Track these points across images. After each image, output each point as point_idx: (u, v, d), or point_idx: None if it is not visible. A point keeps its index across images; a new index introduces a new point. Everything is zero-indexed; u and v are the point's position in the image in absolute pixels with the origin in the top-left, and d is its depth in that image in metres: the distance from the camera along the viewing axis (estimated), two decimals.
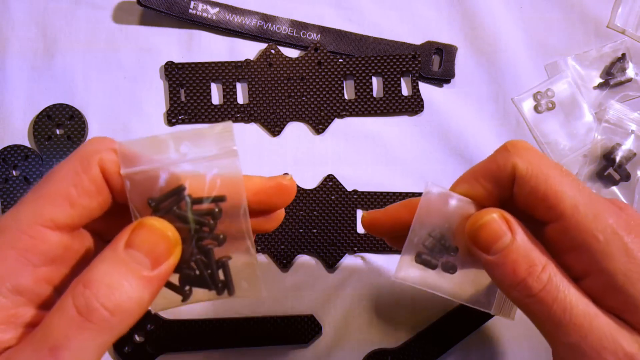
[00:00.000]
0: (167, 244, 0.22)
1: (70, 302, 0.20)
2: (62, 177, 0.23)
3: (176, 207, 0.23)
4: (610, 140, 0.48)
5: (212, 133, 0.23)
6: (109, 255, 0.21)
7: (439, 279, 0.28)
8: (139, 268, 0.21)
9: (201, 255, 0.23)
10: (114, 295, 0.20)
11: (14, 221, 0.22)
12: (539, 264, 0.25)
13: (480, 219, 0.26)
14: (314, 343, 0.44)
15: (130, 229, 0.22)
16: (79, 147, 0.24)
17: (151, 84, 0.49)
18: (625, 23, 0.51)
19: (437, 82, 0.50)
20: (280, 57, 0.49)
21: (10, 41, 0.48)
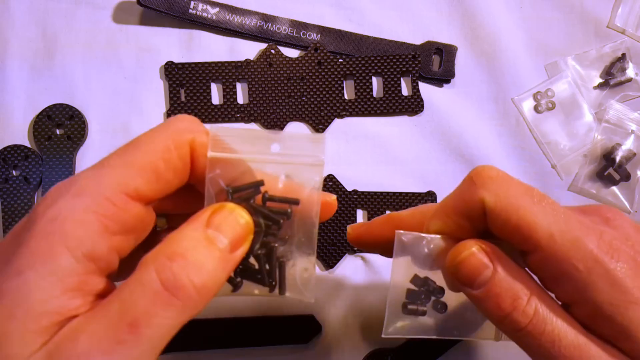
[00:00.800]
0: (245, 230, 0.22)
1: (153, 275, 0.19)
2: (152, 149, 0.22)
3: (252, 200, 0.23)
4: (610, 140, 0.48)
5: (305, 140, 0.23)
6: (189, 232, 0.21)
7: (432, 323, 0.27)
8: (220, 248, 0.21)
9: (264, 251, 0.23)
10: (202, 273, 0.20)
11: (97, 184, 0.21)
12: (523, 297, 0.23)
13: (458, 254, 0.25)
14: (314, 343, 0.44)
15: (211, 209, 0.22)
16: (169, 121, 0.23)
17: (151, 84, 0.49)
18: (625, 23, 0.51)
19: (437, 82, 0.50)
20: (280, 57, 0.49)
21: (10, 41, 0.48)
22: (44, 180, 0.46)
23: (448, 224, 0.26)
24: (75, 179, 0.22)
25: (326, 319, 0.45)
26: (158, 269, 0.20)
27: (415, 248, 0.26)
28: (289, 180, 0.24)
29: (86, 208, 0.21)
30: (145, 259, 0.20)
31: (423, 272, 0.26)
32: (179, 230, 0.21)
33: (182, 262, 0.20)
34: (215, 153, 0.23)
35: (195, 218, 0.22)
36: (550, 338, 0.23)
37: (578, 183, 0.48)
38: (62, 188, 0.22)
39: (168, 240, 0.21)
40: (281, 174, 0.24)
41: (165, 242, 0.21)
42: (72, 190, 0.21)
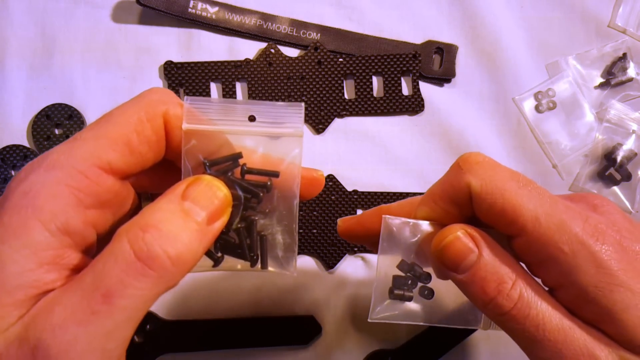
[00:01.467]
0: (222, 202, 0.22)
1: (127, 246, 0.19)
2: (125, 121, 0.22)
3: (230, 173, 0.23)
4: (611, 140, 0.48)
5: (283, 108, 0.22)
6: (164, 205, 0.21)
7: (418, 309, 0.27)
8: (197, 220, 0.21)
9: (244, 225, 0.23)
10: (176, 244, 0.20)
11: (69, 157, 0.21)
12: (508, 281, 0.23)
13: (444, 238, 0.25)
14: (314, 344, 0.44)
15: (187, 182, 0.22)
16: (142, 94, 0.23)
17: (150, 83, 0.48)
18: (626, 23, 0.50)
19: (438, 81, 0.50)
20: (280, 56, 0.49)
21: (9, 41, 0.48)
22: None
23: (435, 210, 0.26)
24: (48, 154, 0.22)
25: (326, 319, 0.45)
26: (131, 239, 0.19)
27: (402, 233, 0.26)
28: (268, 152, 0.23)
29: (58, 181, 0.21)
30: (119, 230, 0.20)
31: (410, 258, 0.26)
32: (154, 202, 0.21)
33: (156, 233, 0.19)
34: (191, 125, 0.22)
35: (171, 191, 0.21)
36: (534, 322, 0.23)
37: (579, 183, 0.48)
38: (35, 163, 0.21)
39: (142, 213, 0.20)
40: (260, 145, 0.23)
41: (140, 214, 0.20)
42: (44, 165, 0.21)
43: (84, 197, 0.21)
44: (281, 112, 0.23)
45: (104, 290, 0.19)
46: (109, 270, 0.19)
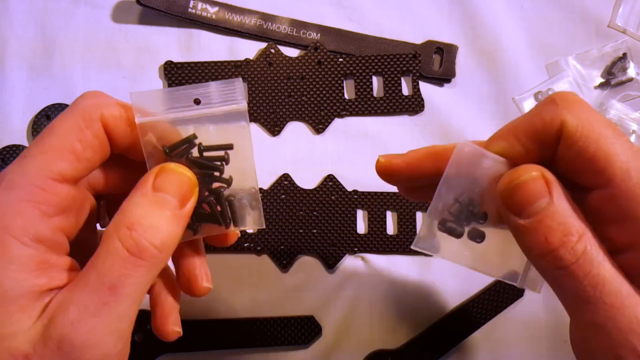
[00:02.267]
0: (189, 185, 0.24)
1: (118, 244, 0.22)
2: (66, 131, 0.24)
3: (189, 154, 0.25)
4: None
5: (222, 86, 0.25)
6: (140, 199, 0.23)
7: (463, 249, 0.25)
8: (171, 208, 0.24)
9: (212, 197, 0.26)
10: (159, 234, 0.23)
11: (23, 175, 0.23)
12: (575, 234, 0.22)
13: (517, 177, 0.23)
14: (314, 344, 0.44)
15: (154, 173, 0.24)
16: (76, 101, 0.25)
17: (150, 83, 0.48)
18: (626, 23, 0.50)
19: (438, 81, 0.50)
20: (280, 56, 0.49)
21: (9, 41, 0.48)
22: None
23: (514, 145, 0.24)
24: (2, 175, 0.23)
25: (326, 319, 0.45)
26: (121, 238, 0.22)
27: (472, 164, 0.24)
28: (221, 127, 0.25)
29: (19, 198, 0.23)
30: (108, 230, 0.23)
31: (473, 193, 0.25)
32: (130, 197, 0.24)
33: (140, 229, 0.23)
34: (143, 118, 0.24)
35: (142, 184, 0.24)
36: (593, 281, 0.22)
37: None
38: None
39: (123, 210, 0.23)
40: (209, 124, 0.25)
41: (121, 211, 0.23)
42: (2, 186, 0.23)
43: (46, 208, 0.23)
44: (222, 90, 0.25)
45: (109, 284, 0.22)
46: (109, 267, 0.22)
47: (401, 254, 0.46)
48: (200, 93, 0.25)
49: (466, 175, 0.24)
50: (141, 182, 0.24)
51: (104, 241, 0.23)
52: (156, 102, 0.25)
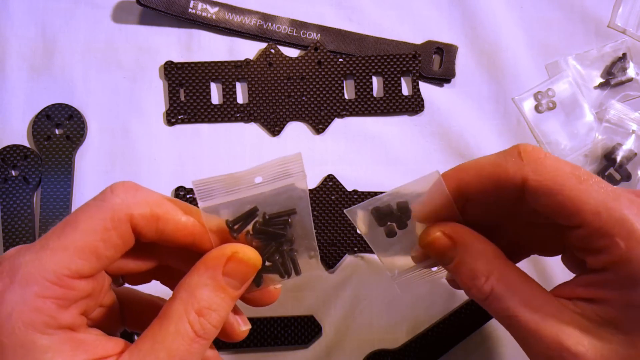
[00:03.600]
0: (254, 270, 0.26)
1: (188, 327, 0.24)
2: (91, 230, 0.24)
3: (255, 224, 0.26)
4: (611, 140, 0.48)
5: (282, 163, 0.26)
6: (209, 281, 0.25)
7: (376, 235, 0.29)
8: (234, 291, 0.25)
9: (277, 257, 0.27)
10: (221, 316, 0.25)
11: (40, 270, 0.23)
12: (481, 277, 0.26)
13: (427, 236, 0.28)
14: (314, 344, 0.44)
15: (225, 257, 0.25)
16: (105, 196, 0.25)
17: (150, 83, 0.48)
18: (625, 23, 0.50)
19: (438, 81, 0.50)
20: (280, 56, 0.49)
21: (10, 41, 0.48)
22: (43, 180, 0.45)
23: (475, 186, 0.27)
24: (15, 266, 0.23)
25: (326, 319, 0.45)
26: (191, 322, 0.24)
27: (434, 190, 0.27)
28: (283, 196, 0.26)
29: (36, 295, 0.23)
30: (177, 310, 0.24)
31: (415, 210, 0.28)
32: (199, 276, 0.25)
33: (208, 315, 0.24)
34: (205, 203, 0.25)
35: (213, 266, 0.25)
36: (505, 314, 0.26)
37: None
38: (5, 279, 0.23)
39: (193, 291, 0.24)
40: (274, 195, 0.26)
41: (189, 290, 0.24)
42: (17, 280, 0.23)
43: (63, 302, 0.23)
44: (282, 166, 0.26)
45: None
46: (178, 346, 0.24)
47: None
48: (260, 170, 0.25)
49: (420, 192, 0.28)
50: (211, 264, 0.25)
51: (172, 318, 0.24)
52: (217, 186, 0.25)
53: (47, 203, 0.45)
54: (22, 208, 0.45)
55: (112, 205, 0.24)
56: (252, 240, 0.27)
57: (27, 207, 0.45)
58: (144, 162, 0.47)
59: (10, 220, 0.45)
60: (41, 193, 0.45)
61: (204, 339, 0.24)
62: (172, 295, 0.25)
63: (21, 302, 0.22)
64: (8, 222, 0.45)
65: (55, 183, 0.46)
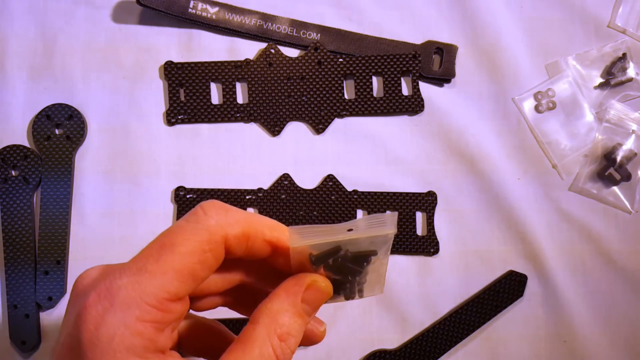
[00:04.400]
0: (327, 298, 0.28)
1: (271, 351, 0.25)
2: (189, 252, 0.24)
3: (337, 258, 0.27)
4: (611, 140, 0.48)
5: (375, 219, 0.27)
6: (289, 307, 0.26)
7: None
8: (308, 318, 0.27)
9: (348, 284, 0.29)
10: (297, 342, 0.26)
11: (141, 294, 0.23)
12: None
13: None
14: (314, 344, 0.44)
15: (305, 285, 0.27)
16: (199, 218, 0.25)
17: (150, 83, 0.48)
18: (625, 23, 0.50)
19: (438, 81, 0.50)
20: (280, 56, 0.49)
21: (10, 41, 0.48)
22: (43, 180, 0.45)
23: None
24: (114, 289, 0.23)
25: (326, 320, 0.44)
26: (274, 347, 0.25)
27: None
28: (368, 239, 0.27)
29: (137, 319, 0.23)
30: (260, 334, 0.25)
31: None
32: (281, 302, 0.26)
33: (288, 341, 0.26)
34: (297, 244, 0.27)
35: (293, 293, 0.26)
36: None
37: (579, 183, 0.48)
38: (104, 300, 0.23)
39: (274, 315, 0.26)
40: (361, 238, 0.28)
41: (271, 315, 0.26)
42: (117, 303, 0.23)
43: (161, 325, 0.24)
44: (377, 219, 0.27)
45: None
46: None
47: (401, 254, 0.46)
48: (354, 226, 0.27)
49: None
50: (292, 290, 0.26)
51: (255, 342, 0.25)
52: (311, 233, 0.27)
53: (47, 203, 0.45)
54: (22, 208, 0.45)
55: (207, 227, 0.25)
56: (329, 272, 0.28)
57: (27, 207, 0.45)
58: (144, 162, 0.47)
59: (10, 220, 0.45)
60: (41, 193, 0.45)
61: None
62: (252, 320, 0.26)
63: (123, 325, 0.23)
64: (8, 222, 0.45)
65: (55, 183, 0.46)
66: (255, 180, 0.48)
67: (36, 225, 0.45)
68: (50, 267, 0.45)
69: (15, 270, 0.44)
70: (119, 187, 0.47)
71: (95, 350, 0.22)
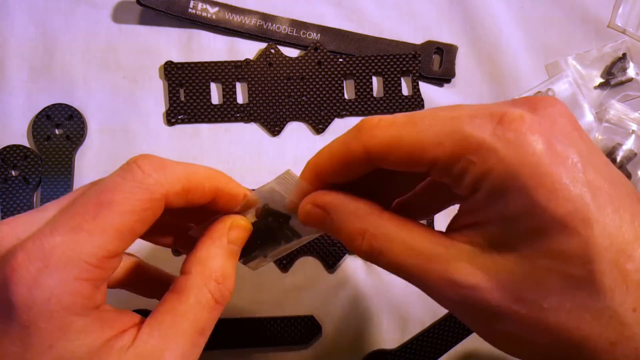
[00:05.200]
0: (248, 233, 0.29)
1: (209, 296, 0.26)
2: (128, 211, 0.24)
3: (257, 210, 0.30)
4: (611, 140, 0.48)
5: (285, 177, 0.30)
6: (219, 250, 0.27)
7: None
8: (237, 257, 0.28)
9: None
10: (232, 282, 0.27)
11: (78, 253, 0.23)
12: (357, 237, 0.26)
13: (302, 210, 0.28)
14: (314, 344, 0.44)
15: (227, 227, 0.28)
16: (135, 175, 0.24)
17: (150, 83, 0.48)
18: (625, 23, 0.50)
19: (438, 81, 0.50)
20: (280, 56, 0.49)
21: (10, 41, 0.48)
22: (43, 180, 0.45)
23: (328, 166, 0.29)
24: (46, 249, 0.22)
25: (326, 319, 0.45)
26: (212, 291, 0.26)
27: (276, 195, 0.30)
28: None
29: (75, 278, 0.23)
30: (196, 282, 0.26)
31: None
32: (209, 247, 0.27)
33: (224, 282, 0.26)
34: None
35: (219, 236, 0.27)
36: (394, 264, 0.25)
37: None
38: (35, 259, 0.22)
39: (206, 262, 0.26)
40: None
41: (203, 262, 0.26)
42: (52, 264, 0.22)
43: (99, 282, 0.24)
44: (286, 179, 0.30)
45: (200, 330, 0.25)
46: (200, 316, 0.25)
47: None
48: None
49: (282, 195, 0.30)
50: (217, 233, 0.27)
51: (190, 291, 0.25)
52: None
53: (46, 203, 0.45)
54: (22, 208, 0.45)
55: (147, 185, 0.24)
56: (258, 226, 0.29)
57: (27, 207, 0.45)
58: None
59: None
60: (41, 193, 0.45)
61: (222, 305, 0.26)
62: (183, 270, 0.26)
63: (60, 285, 0.22)
64: None
65: (55, 183, 0.46)
66: (255, 180, 0.47)
67: None
68: None
69: None
70: None
71: (30, 312, 0.22)
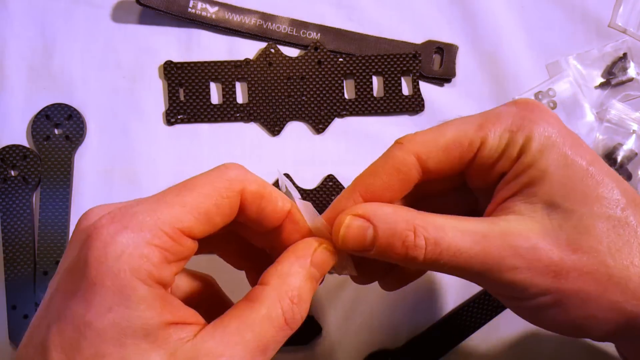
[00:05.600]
0: (332, 263, 0.28)
1: (280, 313, 0.25)
2: (208, 194, 0.25)
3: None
4: (611, 140, 0.48)
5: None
6: (300, 270, 0.26)
7: None
8: (316, 282, 0.27)
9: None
10: (307, 306, 0.26)
11: (155, 219, 0.23)
12: (409, 234, 0.26)
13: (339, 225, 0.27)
14: (314, 344, 0.44)
15: (312, 249, 0.27)
16: (222, 170, 0.26)
17: (150, 83, 0.48)
18: (626, 22, 0.50)
19: (438, 81, 0.50)
20: (280, 56, 0.48)
21: (9, 40, 0.48)
22: (43, 180, 0.45)
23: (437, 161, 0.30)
24: (130, 213, 0.24)
25: (326, 320, 0.44)
26: (284, 309, 0.25)
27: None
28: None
29: (148, 242, 0.23)
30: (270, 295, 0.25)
31: None
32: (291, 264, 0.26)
33: (299, 304, 0.25)
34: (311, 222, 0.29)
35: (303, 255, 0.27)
36: (451, 253, 0.25)
37: None
38: (117, 222, 0.23)
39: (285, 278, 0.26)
40: None
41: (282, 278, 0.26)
42: (131, 225, 0.23)
43: (169, 255, 0.24)
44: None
45: (263, 347, 0.24)
46: (266, 330, 0.24)
47: None
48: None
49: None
50: (301, 253, 0.27)
51: (263, 303, 0.25)
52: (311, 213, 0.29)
53: (46, 203, 0.45)
54: (22, 208, 0.45)
55: (227, 177, 0.26)
56: None
57: (27, 207, 0.45)
58: (144, 162, 0.47)
59: (10, 220, 0.45)
60: (40, 193, 0.45)
61: (290, 328, 0.25)
62: (261, 281, 0.26)
63: (132, 245, 0.23)
64: (7, 222, 0.45)
65: (54, 183, 0.45)
66: None
67: (35, 226, 0.45)
68: (50, 267, 0.45)
69: (15, 271, 0.44)
70: (119, 187, 0.47)
71: (100, 267, 0.22)
